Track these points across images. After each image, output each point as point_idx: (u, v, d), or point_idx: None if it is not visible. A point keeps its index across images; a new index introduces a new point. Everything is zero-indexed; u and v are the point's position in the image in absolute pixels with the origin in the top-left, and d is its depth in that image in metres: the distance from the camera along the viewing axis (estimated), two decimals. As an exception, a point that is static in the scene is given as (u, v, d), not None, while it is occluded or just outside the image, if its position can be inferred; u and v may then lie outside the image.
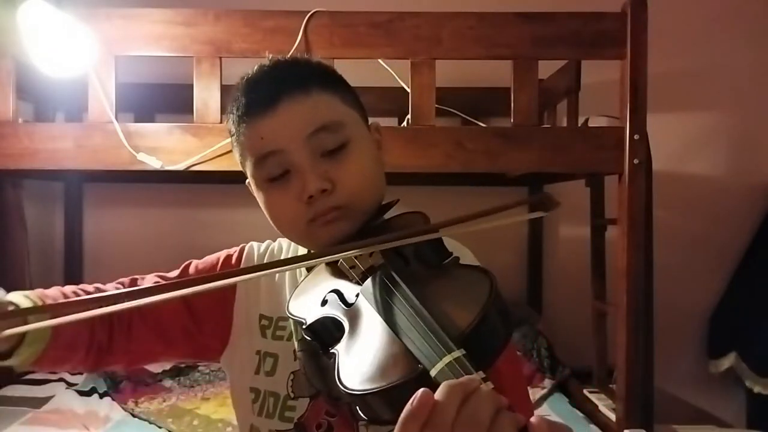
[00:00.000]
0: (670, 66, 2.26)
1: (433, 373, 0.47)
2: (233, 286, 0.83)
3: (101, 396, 1.79)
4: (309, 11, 1.48)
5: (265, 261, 0.86)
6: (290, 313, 0.66)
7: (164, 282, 0.82)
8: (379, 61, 1.56)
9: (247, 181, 0.81)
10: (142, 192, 2.35)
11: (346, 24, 1.49)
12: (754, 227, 2.34)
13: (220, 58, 1.49)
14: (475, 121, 1.91)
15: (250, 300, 0.82)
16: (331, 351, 0.57)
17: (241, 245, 0.90)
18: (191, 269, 0.86)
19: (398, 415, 0.49)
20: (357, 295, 0.61)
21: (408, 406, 0.44)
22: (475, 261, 0.78)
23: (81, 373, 1.92)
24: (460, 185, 2.23)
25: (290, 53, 1.46)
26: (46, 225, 2.37)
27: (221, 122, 1.49)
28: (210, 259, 0.88)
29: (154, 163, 1.46)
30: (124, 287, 0.82)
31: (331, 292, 0.64)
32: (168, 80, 2.11)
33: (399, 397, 0.48)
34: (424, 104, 1.49)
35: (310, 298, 0.65)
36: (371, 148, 0.77)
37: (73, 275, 2.36)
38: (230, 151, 1.45)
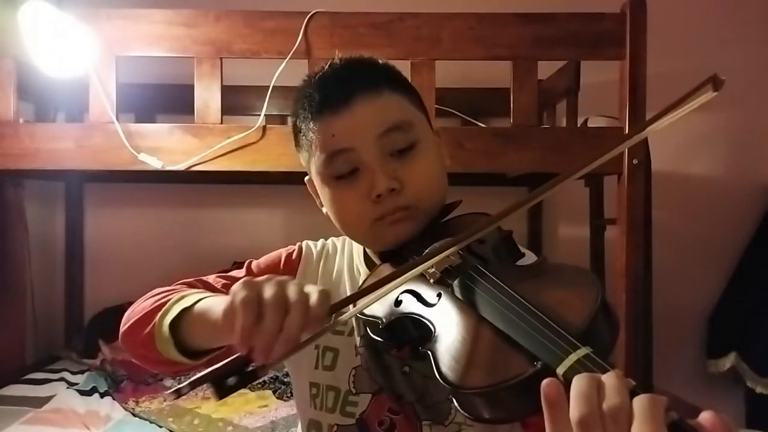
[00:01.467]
0: (670, 66, 2.26)
1: (560, 370, 0.45)
2: (295, 275, 0.83)
3: (102, 395, 1.79)
4: (309, 12, 1.48)
5: (322, 259, 0.86)
6: (361, 314, 0.65)
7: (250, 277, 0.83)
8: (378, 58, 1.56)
9: (307, 177, 0.81)
10: (142, 192, 2.35)
11: (346, 25, 1.50)
12: (754, 227, 2.34)
13: (221, 58, 1.49)
14: (475, 122, 1.92)
15: None
16: (422, 350, 0.56)
17: (298, 243, 0.89)
18: (254, 268, 0.85)
19: (498, 416, 0.49)
20: (439, 295, 0.60)
21: (547, 398, 0.42)
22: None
23: (82, 372, 1.93)
24: (460, 185, 2.23)
25: (290, 54, 1.47)
26: (47, 225, 2.37)
27: (222, 122, 1.50)
28: (271, 257, 0.87)
29: (154, 164, 1.47)
30: (201, 282, 0.81)
31: (405, 292, 0.63)
32: (169, 80, 2.12)
33: (508, 395, 0.47)
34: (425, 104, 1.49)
35: (383, 299, 0.64)
36: (437, 149, 0.77)
37: (73, 275, 2.36)
38: (231, 152, 1.48)
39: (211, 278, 0.83)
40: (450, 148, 1.49)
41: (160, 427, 1.60)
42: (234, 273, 0.85)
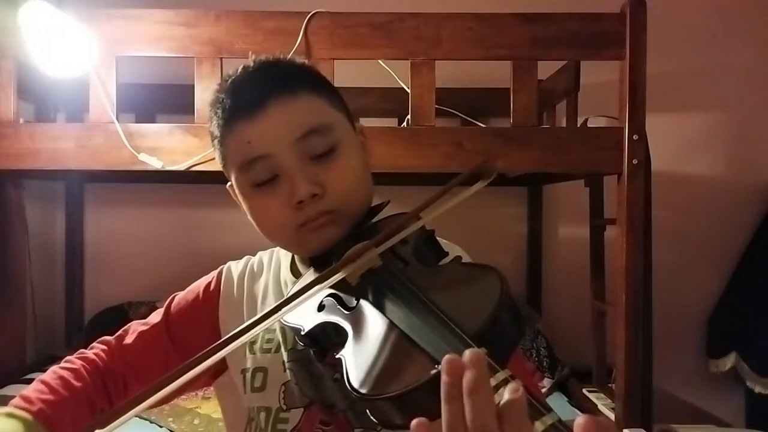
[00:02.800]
0: (670, 66, 2.26)
1: None
2: (215, 317, 0.81)
3: (102, 395, 1.79)
4: (309, 12, 1.48)
5: (245, 279, 0.84)
6: (284, 321, 0.64)
7: (146, 343, 0.81)
8: (379, 61, 1.57)
9: (228, 184, 0.78)
10: (143, 192, 2.36)
11: (346, 25, 1.50)
12: (754, 227, 2.34)
13: (221, 58, 1.50)
14: (475, 122, 1.92)
15: (234, 321, 0.79)
16: (337, 356, 0.56)
17: (219, 268, 0.87)
18: (173, 307, 0.83)
19: (410, 420, 0.47)
20: (358, 299, 0.60)
21: None
22: (468, 259, 0.77)
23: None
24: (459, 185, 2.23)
25: (290, 54, 1.47)
26: (47, 225, 2.38)
27: (222, 122, 1.50)
28: (191, 293, 0.85)
29: (155, 164, 1.47)
30: (109, 348, 0.80)
31: (328, 296, 0.63)
32: (169, 81, 2.12)
33: (415, 399, 0.47)
34: (424, 105, 1.50)
35: (305, 305, 0.63)
36: (359, 150, 0.75)
37: (73, 275, 2.36)
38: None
39: (130, 329, 0.82)
40: (450, 148, 1.50)
41: (160, 426, 1.60)
42: (153, 317, 0.83)
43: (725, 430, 2.12)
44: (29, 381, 1.79)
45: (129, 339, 0.80)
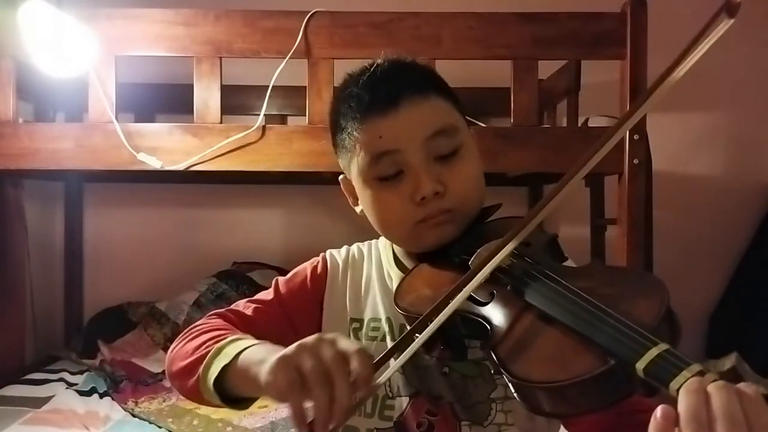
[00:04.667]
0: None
1: (640, 365, 0.45)
2: (321, 298, 0.84)
3: (101, 396, 1.79)
4: (309, 11, 1.48)
5: (349, 266, 0.86)
6: (405, 310, 0.66)
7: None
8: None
9: (341, 176, 0.82)
10: (142, 192, 2.35)
11: (346, 24, 1.49)
12: (754, 227, 2.34)
13: (220, 58, 1.49)
14: (475, 121, 1.91)
15: (337, 306, 0.83)
16: (483, 348, 0.57)
17: (321, 254, 0.89)
18: (282, 288, 0.85)
19: (559, 411, 0.49)
20: (491, 294, 0.61)
21: (652, 422, 0.41)
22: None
23: (81, 373, 1.92)
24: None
25: (290, 54, 1.46)
26: (47, 225, 2.37)
27: (221, 122, 1.50)
28: (297, 275, 0.87)
29: (154, 163, 1.47)
30: (230, 316, 0.81)
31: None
32: (168, 80, 2.12)
33: (578, 391, 0.48)
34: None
35: (426, 298, 0.64)
36: (477, 153, 0.78)
37: (73, 275, 2.36)
38: (230, 152, 1.47)
39: (241, 305, 0.84)
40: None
41: (160, 427, 1.60)
42: (262, 296, 0.85)
43: (726, 430, 2.12)
44: (28, 381, 1.81)
45: (248, 312, 0.82)
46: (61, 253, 2.38)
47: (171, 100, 2.06)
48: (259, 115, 1.49)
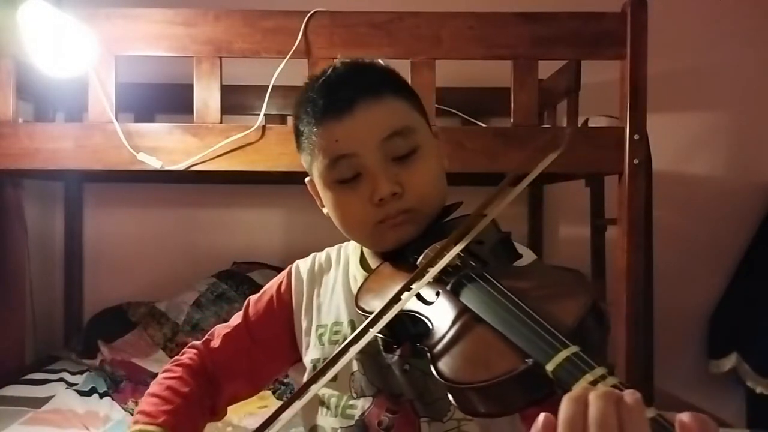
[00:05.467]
0: (670, 66, 2.26)
1: (549, 367, 0.46)
2: (290, 315, 0.87)
3: (101, 396, 1.79)
4: (309, 11, 1.48)
5: (314, 274, 0.89)
6: (362, 309, 0.67)
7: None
8: (379, 61, 1.56)
9: (308, 179, 0.83)
10: (142, 192, 2.35)
11: (346, 24, 1.49)
12: (754, 227, 2.34)
13: (220, 58, 1.49)
14: (475, 121, 1.92)
15: (306, 318, 0.85)
16: (420, 346, 0.59)
17: (288, 267, 0.91)
18: (250, 310, 0.89)
19: (492, 411, 0.50)
20: (437, 294, 0.63)
21: (533, 430, 0.43)
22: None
23: (81, 373, 1.92)
24: (460, 185, 2.22)
25: (290, 53, 1.46)
26: (46, 225, 2.37)
27: (221, 122, 1.50)
28: (265, 295, 0.90)
29: (154, 163, 1.46)
30: (199, 351, 0.87)
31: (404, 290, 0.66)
32: (168, 80, 2.11)
33: (502, 390, 0.49)
34: (424, 104, 1.49)
35: (382, 297, 0.66)
36: (437, 153, 0.79)
37: (73, 275, 2.36)
38: (230, 151, 1.47)
39: (215, 333, 0.88)
40: (450, 148, 1.49)
41: (160, 427, 1.60)
42: (234, 320, 0.89)
43: (725, 430, 2.12)
44: (28, 381, 1.81)
45: (215, 342, 0.87)
46: (60, 253, 2.37)
47: (171, 100, 2.06)
48: (259, 115, 1.49)
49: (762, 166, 2.39)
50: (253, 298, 0.90)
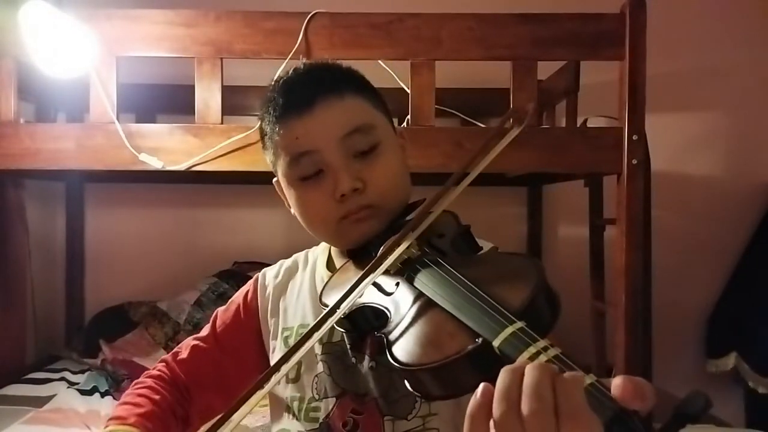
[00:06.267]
0: (669, 66, 2.27)
1: (496, 343, 0.47)
2: (257, 323, 0.87)
3: (102, 395, 1.79)
4: (309, 12, 1.49)
5: (279, 280, 0.89)
6: (324, 305, 0.68)
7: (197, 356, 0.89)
8: (379, 62, 1.56)
9: (275, 179, 0.84)
10: (143, 192, 2.36)
11: (346, 25, 1.50)
12: (754, 227, 2.34)
13: (221, 58, 1.50)
14: (475, 122, 1.92)
15: (273, 324, 0.85)
16: (377, 334, 0.60)
17: (255, 276, 0.92)
18: (218, 321, 0.90)
19: (448, 392, 0.51)
20: (397, 284, 0.64)
21: (472, 400, 0.44)
22: None
23: (83, 372, 1.93)
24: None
25: (290, 54, 1.47)
26: (48, 225, 2.38)
27: (222, 123, 1.50)
28: (232, 305, 0.91)
29: (155, 164, 1.47)
30: (168, 363, 0.88)
31: None
32: (169, 81, 2.12)
33: (454, 371, 0.50)
34: (423, 105, 1.50)
35: (343, 291, 0.67)
36: (398, 150, 0.80)
37: (73, 275, 2.36)
38: (231, 152, 1.48)
39: (184, 345, 0.89)
40: (450, 148, 1.50)
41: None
42: (204, 331, 0.90)
43: (725, 430, 2.12)
44: (30, 381, 1.82)
45: (184, 354, 0.88)
46: (62, 253, 2.38)
47: (172, 101, 2.07)
48: (259, 115, 1.49)
49: (761, 166, 2.39)
50: (221, 309, 0.91)
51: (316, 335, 0.63)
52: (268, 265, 0.95)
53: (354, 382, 0.76)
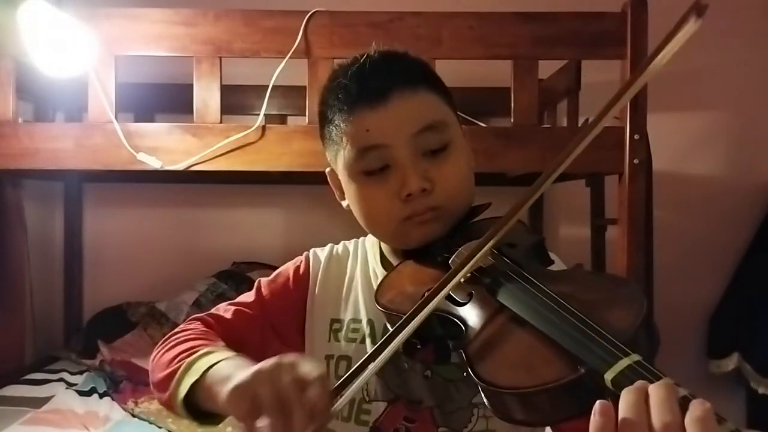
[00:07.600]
0: (670, 66, 2.25)
1: (608, 376, 0.43)
2: (304, 298, 0.83)
3: (101, 396, 1.79)
4: (309, 11, 1.48)
5: (330, 264, 0.85)
6: (384, 307, 0.65)
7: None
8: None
9: (328, 169, 0.80)
10: (142, 192, 2.35)
11: (346, 24, 1.49)
12: (754, 227, 2.34)
13: (220, 57, 1.49)
14: (475, 121, 1.91)
15: (320, 306, 0.82)
16: (452, 348, 0.56)
17: (305, 253, 0.88)
18: (264, 290, 0.84)
19: (532, 419, 0.47)
20: (470, 294, 0.60)
21: (593, 419, 0.41)
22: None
23: (81, 373, 1.92)
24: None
25: (290, 53, 1.46)
26: (46, 225, 2.37)
27: (221, 122, 1.50)
28: (280, 277, 0.85)
29: (154, 163, 1.46)
30: (209, 321, 0.80)
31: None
32: (168, 80, 2.11)
33: (547, 398, 0.46)
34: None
35: (406, 295, 0.63)
36: (468, 151, 0.77)
37: (72, 275, 2.36)
38: (230, 151, 1.47)
39: (221, 308, 0.82)
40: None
41: (160, 427, 1.60)
42: (244, 298, 0.84)
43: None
44: (28, 381, 1.81)
45: (228, 315, 0.81)
46: (60, 253, 2.37)
47: (171, 100, 2.06)
48: (258, 115, 1.48)
49: (762, 166, 2.39)
50: (264, 279, 0.85)
51: (394, 344, 0.58)
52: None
53: (407, 388, 0.73)
